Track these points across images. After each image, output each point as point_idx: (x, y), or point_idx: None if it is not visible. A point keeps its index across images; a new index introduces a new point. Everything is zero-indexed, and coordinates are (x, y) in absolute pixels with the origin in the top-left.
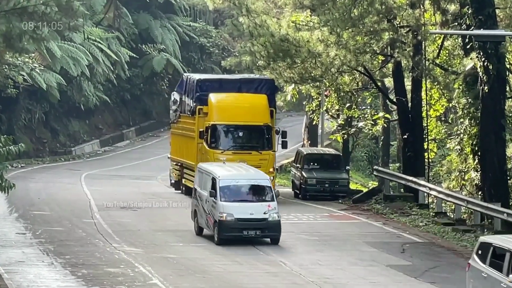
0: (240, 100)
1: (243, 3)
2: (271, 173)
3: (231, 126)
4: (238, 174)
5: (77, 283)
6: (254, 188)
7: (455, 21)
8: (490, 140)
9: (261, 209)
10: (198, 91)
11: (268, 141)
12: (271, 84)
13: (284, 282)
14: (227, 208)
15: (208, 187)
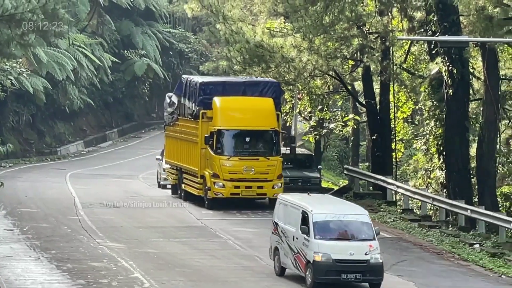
0: (246, 104)
1: (220, 11)
2: (279, 180)
3: (238, 131)
4: (333, 209)
5: (62, 277)
6: (352, 225)
7: (421, 28)
8: (454, 141)
9: (362, 249)
10: (201, 94)
11: (275, 147)
12: (276, 87)
13: (259, 275)
14: (323, 248)
15: (296, 222)
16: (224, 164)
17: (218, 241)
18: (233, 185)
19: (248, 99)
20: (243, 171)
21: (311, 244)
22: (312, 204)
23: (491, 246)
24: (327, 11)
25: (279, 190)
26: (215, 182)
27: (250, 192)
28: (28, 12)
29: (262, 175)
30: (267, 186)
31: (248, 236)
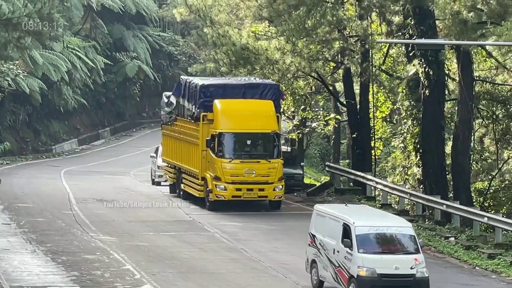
0: (247, 107)
1: (207, 15)
2: (280, 182)
3: (239, 134)
4: (376, 221)
5: (57, 268)
6: (397, 238)
7: (399, 31)
8: (430, 139)
9: (407, 263)
10: (202, 97)
11: (276, 149)
12: (276, 90)
13: (244, 267)
14: (367, 262)
15: (337, 235)
16: (226, 167)
17: (205, 235)
18: (235, 188)
19: (248, 102)
20: (244, 174)
21: (354, 258)
22: (353, 216)
23: (465, 239)
24: (310, 15)
25: (280, 192)
26: (217, 184)
27: (251, 194)
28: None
29: (263, 177)
30: (268, 189)
31: (234, 230)
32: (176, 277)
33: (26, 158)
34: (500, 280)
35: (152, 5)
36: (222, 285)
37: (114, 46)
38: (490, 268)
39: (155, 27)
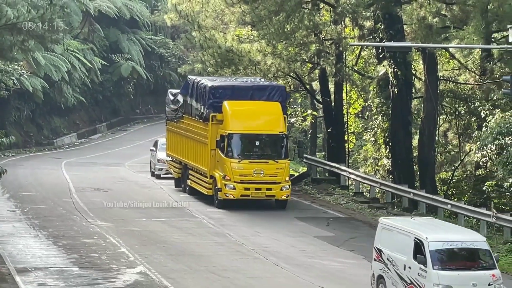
0: (256, 109)
1: (195, 20)
2: (287, 182)
3: (248, 135)
4: (449, 235)
5: (58, 251)
6: (471, 253)
7: (370, 35)
8: (399, 133)
9: (485, 279)
10: (211, 98)
11: (284, 150)
12: (282, 91)
13: (229, 250)
14: (443, 279)
15: (407, 250)
16: (235, 167)
17: (194, 221)
18: (243, 187)
19: (257, 104)
20: (253, 174)
21: (429, 275)
22: (425, 230)
23: None
24: (288, 20)
25: (287, 192)
26: (226, 184)
27: (259, 194)
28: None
29: (271, 177)
30: (276, 188)
31: (220, 216)
32: (166, 259)
33: (30, 150)
34: None
35: (145, 11)
36: (208, 266)
37: (110, 48)
38: None
39: (148, 31)
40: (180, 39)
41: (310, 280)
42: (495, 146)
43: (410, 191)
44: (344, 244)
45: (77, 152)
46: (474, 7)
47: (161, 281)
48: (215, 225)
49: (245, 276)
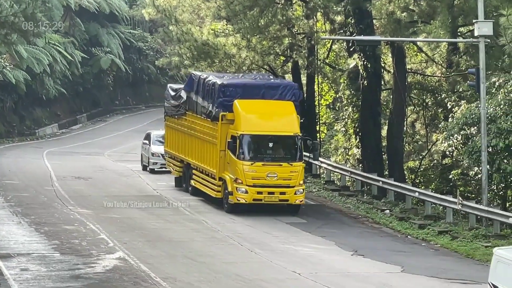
0: (269, 108)
1: (172, 15)
2: (301, 186)
3: (261, 137)
4: None
5: (40, 238)
6: None
7: (341, 29)
8: (368, 124)
9: None
10: (221, 96)
11: (298, 152)
12: (295, 90)
13: (205, 236)
14: None
15: None
16: (247, 170)
17: (171, 208)
18: (256, 191)
19: (270, 103)
20: (266, 177)
21: None
22: None
23: (399, 211)
24: (262, 15)
25: (301, 196)
26: (238, 187)
27: (272, 198)
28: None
29: (284, 181)
30: (290, 192)
31: (196, 203)
32: (144, 245)
33: (13, 140)
34: (429, 247)
35: (124, 6)
36: (185, 252)
37: (90, 42)
38: (420, 237)
39: (126, 25)
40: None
41: (283, 265)
42: (461, 136)
43: (379, 180)
44: (316, 230)
45: (58, 142)
46: (441, 2)
47: (139, 266)
48: (191, 212)
49: (221, 261)
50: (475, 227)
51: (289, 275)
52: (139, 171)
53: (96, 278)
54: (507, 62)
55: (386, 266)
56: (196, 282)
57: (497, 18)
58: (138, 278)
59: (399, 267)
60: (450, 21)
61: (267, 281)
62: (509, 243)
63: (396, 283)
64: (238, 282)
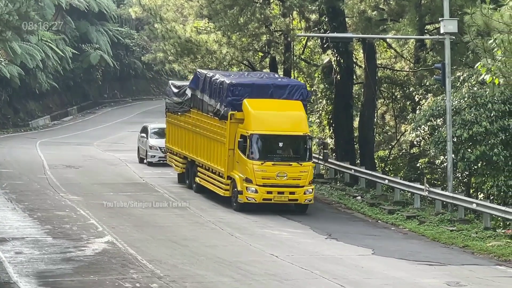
0: (279, 108)
1: (157, 13)
2: (310, 186)
3: (272, 137)
4: None
5: (33, 223)
6: None
7: (315, 27)
8: (341, 116)
9: None
10: (230, 95)
11: (308, 152)
12: (304, 90)
13: (188, 221)
14: None
15: None
16: (257, 169)
17: (156, 195)
18: (266, 191)
19: (279, 103)
20: (276, 177)
21: None
22: None
23: (370, 198)
24: (242, 13)
25: (310, 196)
26: (248, 187)
27: (282, 197)
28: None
29: (294, 180)
30: (299, 192)
31: (180, 190)
32: (131, 229)
33: (7, 131)
34: (398, 231)
35: (112, 5)
36: (169, 236)
37: (80, 38)
38: (390, 222)
39: (114, 23)
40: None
41: (261, 248)
42: (427, 127)
43: (351, 168)
44: (292, 215)
45: (50, 133)
46: (409, 2)
47: (126, 250)
48: (175, 199)
49: (203, 245)
50: (441, 212)
51: (267, 258)
52: (126, 160)
53: (86, 261)
54: (471, 57)
55: (358, 249)
56: (180, 264)
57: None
58: (126, 260)
59: (370, 249)
60: (417, 19)
61: (247, 263)
62: (472, 227)
63: (367, 265)
64: (220, 264)
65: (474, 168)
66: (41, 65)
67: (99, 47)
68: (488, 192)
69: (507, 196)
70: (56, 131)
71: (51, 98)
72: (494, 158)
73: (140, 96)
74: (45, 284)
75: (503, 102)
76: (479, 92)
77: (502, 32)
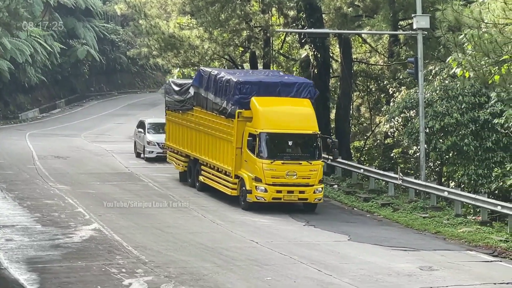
0: (288, 106)
1: (141, 10)
2: (320, 185)
3: (281, 135)
4: None
5: (23, 211)
6: None
7: (293, 23)
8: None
9: None
10: (237, 93)
11: (318, 151)
12: (311, 88)
13: (172, 209)
14: None
15: None
16: (267, 168)
17: (141, 184)
18: (275, 190)
19: (288, 101)
20: (285, 176)
21: None
22: None
23: (346, 186)
24: (223, 10)
25: (320, 195)
26: (257, 186)
27: (291, 197)
28: None
29: (304, 179)
30: (309, 191)
31: (164, 180)
32: (117, 217)
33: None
34: (372, 218)
35: (98, 2)
36: (154, 223)
37: (68, 34)
38: (365, 209)
39: (101, 19)
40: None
41: (242, 235)
42: (401, 118)
43: (329, 158)
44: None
45: (39, 125)
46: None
47: (113, 236)
48: (159, 188)
49: (186, 231)
50: (414, 200)
51: (247, 244)
52: (112, 151)
53: (74, 247)
54: (442, 52)
55: (334, 235)
56: (164, 250)
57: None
58: (112, 247)
59: (346, 236)
60: (391, 15)
61: (228, 249)
62: (444, 214)
63: (343, 250)
64: (202, 250)
65: (446, 157)
66: (30, 60)
67: (86, 43)
68: (459, 181)
69: (477, 184)
70: (45, 123)
71: (40, 91)
72: (464, 148)
73: (125, 89)
74: (35, 270)
75: (473, 95)
76: (450, 85)
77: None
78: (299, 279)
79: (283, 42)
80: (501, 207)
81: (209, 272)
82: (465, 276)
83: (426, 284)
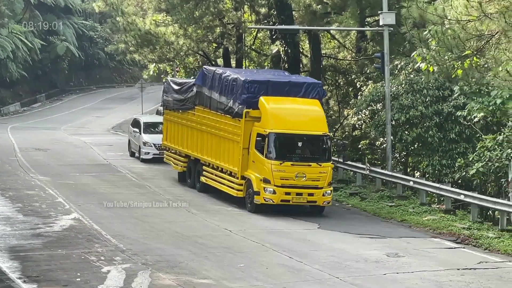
0: (297, 106)
1: (119, 8)
2: (329, 187)
3: (291, 136)
4: None
5: (5, 201)
6: None
7: (265, 20)
8: None
9: None
10: (245, 93)
11: (327, 152)
12: (320, 88)
13: (149, 199)
14: None
15: None
16: (276, 170)
17: (119, 175)
18: (284, 192)
19: (297, 101)
20: (294, 177)
21: None
22: None
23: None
24: (197, 7)
25: (329, 198)
26: (266, 187)
27: (300, 199)
28: None
29: (313, 182)
30: (318, 193)
31: (140, 171)
32: (96, 207)
33: None
34: (341, 207)
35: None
36: (131, 213)
37: (48, 31)
38: (334, 198)
39: (79, 16)
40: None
41: (216, 224)
42: (368, 111)
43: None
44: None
45: (20, 118)
46: None
47: (92, 226)
48: (137, 178)
49: (163, 221)
50: (381, 189)
51: (221, 232)
52: (91, 143)
53: (55, 236)
54: (407, 47)
55: (305, 224)
56: (142, 239)
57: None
58: (91, 235)
59: (316, 224)
60: (358, 12)
61: (203, 237)
62: (409, 203)
63: (313, 238)
64: (178, 238)
65: (411, 149)
66: (11, 56)
67: (66, 39)
68: (423, 171)
69: (441, 174)
70: (26, 116)
71: (21, 86)
72: (429, 139)
73: (103, 84)
74: (17, 258)
75: (437, 88)
76: (415, 79)
77: (436, 24)
78: (271, 265)
79: (255, 38)
80: (464, 196)
81: (185, 259)
82: (430, 262)
83: (392, 270)
